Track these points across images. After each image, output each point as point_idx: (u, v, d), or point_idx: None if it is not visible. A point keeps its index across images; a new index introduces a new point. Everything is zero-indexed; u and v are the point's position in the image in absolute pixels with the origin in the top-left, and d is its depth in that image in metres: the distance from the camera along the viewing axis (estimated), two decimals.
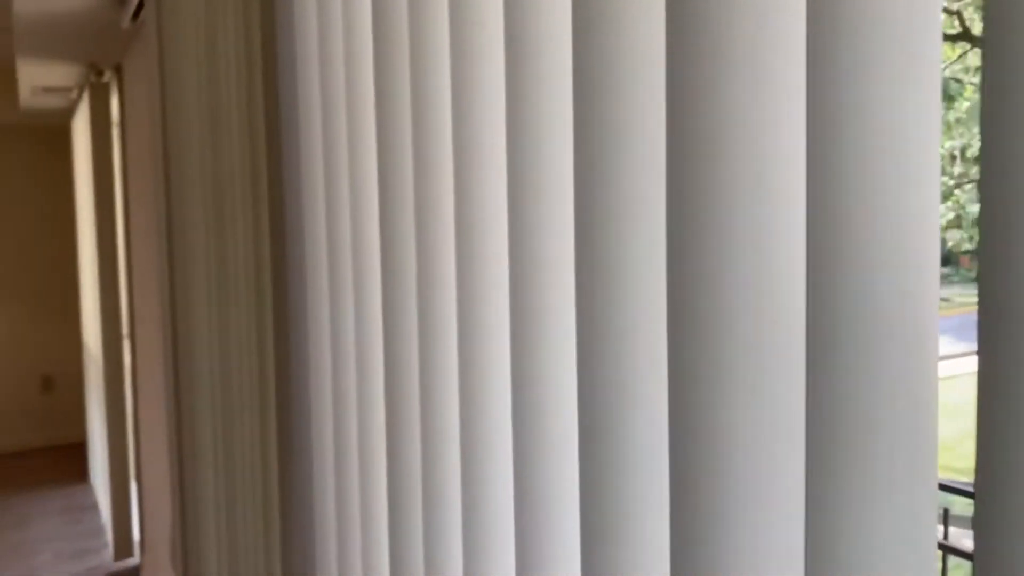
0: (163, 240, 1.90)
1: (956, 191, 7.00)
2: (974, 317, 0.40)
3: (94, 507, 4.28)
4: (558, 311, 0.66)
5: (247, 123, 1.14)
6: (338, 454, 0.99)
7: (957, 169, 7.17)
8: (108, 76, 3.46)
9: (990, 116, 0.38)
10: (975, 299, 0.39)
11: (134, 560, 3.56)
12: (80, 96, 3.98)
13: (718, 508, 0.52)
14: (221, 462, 1.42)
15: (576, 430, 0.67)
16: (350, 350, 0.98)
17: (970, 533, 0.59)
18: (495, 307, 0.74)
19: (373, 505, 0.96)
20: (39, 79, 3.71)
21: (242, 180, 1.19)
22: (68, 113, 4.65)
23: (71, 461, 5.09)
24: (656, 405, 0.59)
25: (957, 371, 6.24)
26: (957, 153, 7.13)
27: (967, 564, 1.58)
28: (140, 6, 2.38)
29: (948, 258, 7.27)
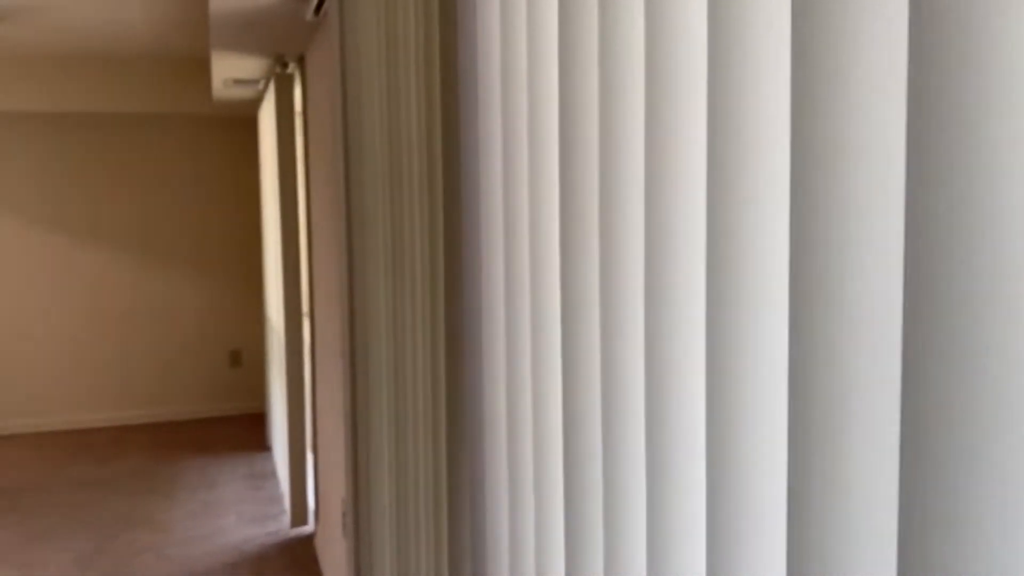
0: (342, 227, 1.97)
1: None
2: None
3: (273, 475, 4.56)
4: (759, 311, 0.61)
5: (424, 116, 1.14)
6: (511, 445, 0.97)
7: None
8: (292, 67, 3.63)
9: None
10: None
11: (309, 528, 3.76)
12: (266, 87, 4.22)
13: (954, 531, 0.46)
14: (394, 444, 1.45)
15: (774, 435, 0.61)
16: (525, 340, 0.95)
17: None
18: (687, 306, 0.69)
19: (547, 496, 0.93)
20: (230, 72, 3.96)
21: (419, 172, 1.19)
22: (255, 103, 4.94)
23: (254, 430, 5.45)
24: (881, 413, 0.53)
25: None
26: None
27: None
28: None
29: None
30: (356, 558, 1.99)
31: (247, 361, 5.91)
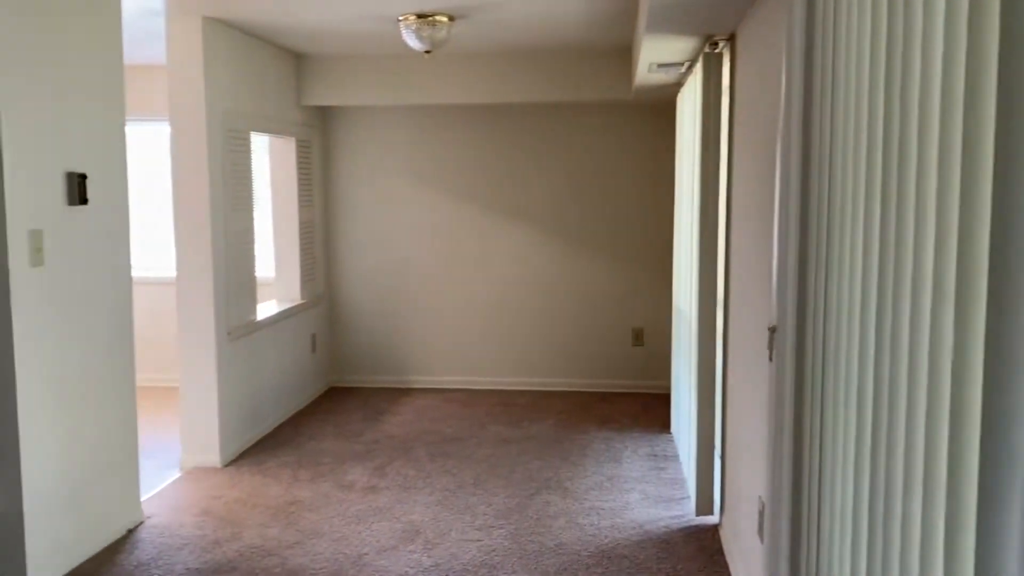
0: (792, 214, 1.82)
1: None
2: None
3: (675, 458, 4.57)
4: None
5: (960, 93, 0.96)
6: None
7: None
8: (721, 46, 3.54)
9: None
10: None
11: (713, 518, 3.69)
12: (690, 68, 4.18)
13: None
14: (868, 455, 1.29)
15: None
16: None
17: None
18: None
19: None
20: (656, 56, 3.98)
21: (947, 155, 1.01)
22: (672, 88, 4.94)
23: (654, 410, 5.53)
24: None
25: None
26: None
27: None
28: None
29: None
30: (790, 565, 1.86)
31: (648, 340, 6.01)
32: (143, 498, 3.86)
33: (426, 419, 5.37)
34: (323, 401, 5.85)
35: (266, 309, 5.26)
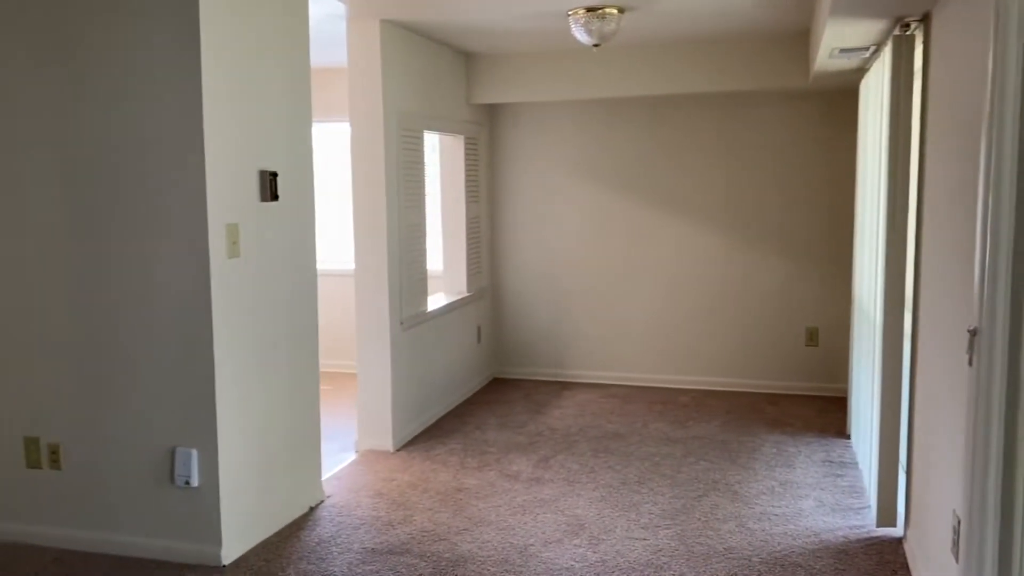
0: (1000, 211, 1.67)
1: None
2: None
3: (854, 465, 4.33)
4: None
5: None
6: None
7: None
8: (914, 28, 3.30)
9: None
10: None
11: (896, 531, 3.47)
12: (876, 53, 3.93)
13: None
14: None
15: None
16: None
17: None
18: None
19: None
20: (839, 40, 3.77)
21: None
22: (853, 74, 4.67)
23: (830, 414, 5.26)
24: None
25: None
26: None
27: None
28: None
29: None
30: None
31: (824, 340, 5.73)
32: (323, 478, 4.07)
33: (587, 414, 5.36)
34: (486, 392, 5.96)
35: (435, 301, 5.42)
